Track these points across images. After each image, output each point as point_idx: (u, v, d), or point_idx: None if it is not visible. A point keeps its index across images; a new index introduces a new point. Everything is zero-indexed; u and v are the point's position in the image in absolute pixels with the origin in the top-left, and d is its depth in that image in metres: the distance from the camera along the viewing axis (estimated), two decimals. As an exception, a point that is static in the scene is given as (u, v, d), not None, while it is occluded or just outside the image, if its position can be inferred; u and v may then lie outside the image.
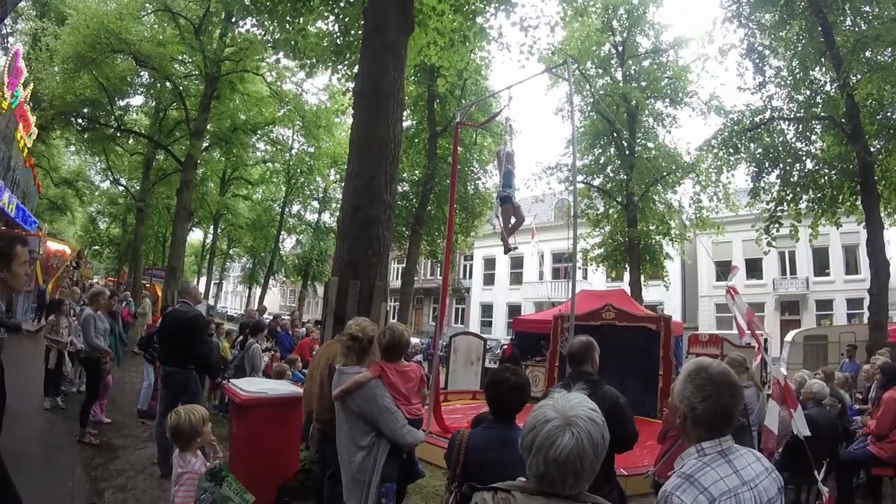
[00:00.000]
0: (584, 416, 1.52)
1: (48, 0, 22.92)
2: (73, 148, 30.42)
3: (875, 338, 12.24)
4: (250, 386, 5.75)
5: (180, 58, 22.76)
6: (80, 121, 23.50)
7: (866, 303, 13.74)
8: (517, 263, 38.03)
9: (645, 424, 10.00)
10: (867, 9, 13.57)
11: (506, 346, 15.99)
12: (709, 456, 1.80)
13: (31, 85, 17.30)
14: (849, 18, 13.87)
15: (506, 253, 9.85)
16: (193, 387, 6.11)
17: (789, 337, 18.67)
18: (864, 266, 20.98)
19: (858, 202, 14.02)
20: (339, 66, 10.73)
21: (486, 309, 41.75)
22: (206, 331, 7.40)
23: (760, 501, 1.78)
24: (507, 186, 9.16)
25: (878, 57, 12.79)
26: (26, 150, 16.92)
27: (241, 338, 10.38)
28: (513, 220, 9.40)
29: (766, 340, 8.44)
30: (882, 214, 13.87)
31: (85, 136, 25.03)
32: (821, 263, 29.71)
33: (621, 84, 20.87)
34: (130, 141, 27.44)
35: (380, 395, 3.69)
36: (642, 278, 20.97)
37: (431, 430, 8.33)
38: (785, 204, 15.14)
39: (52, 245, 21.58)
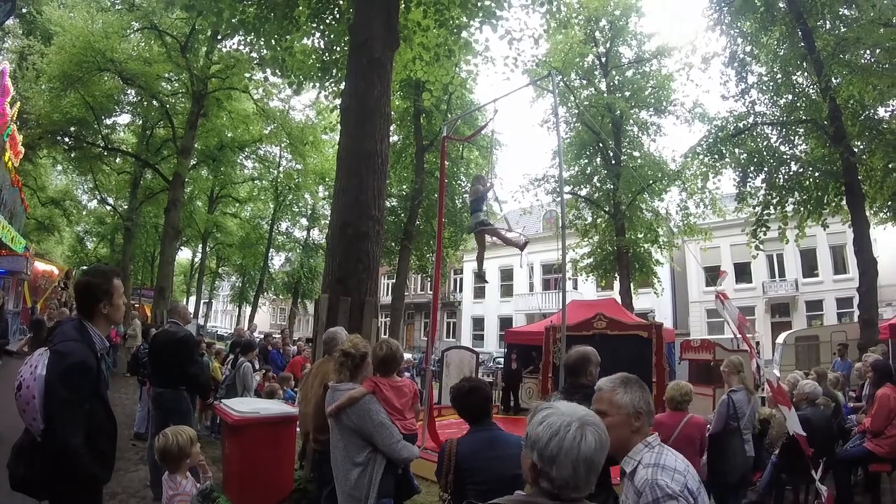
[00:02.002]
0: (592, 418, 1.63)
1: (35, 18, 22.84)
2: (60, 167, 30.33)
3: (866, 336, 12.32)
4: (242, 406, 5.70)
5: (167, 76, 22.78)
6: (66, 139, 23.39)
7: (856, 302, 13.83)
8: (507, 276, 38.10)
9: (640, 432, 10.00)
10: (846, 12, 13.77)
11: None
12: (656, 447, 2.14)
13: (18, 103, 17.21)
14: (828, 22, 14.05)
15: (481, 276, 9.95)
16: (184, 407, 6.05)
17: (780, 339, 18.75)
18: (852, 265, 21.18)
19: (843, 202, 14.18)
20: (326, 83, 10.76)
21: (478, 322, 41.77)
22: (196, 351, 7.34)
23: (696, 477, 2.09)
24: (476, 211, 8.72)
25: (859, 59, 12.96)
26: (13, 170, 16.79)
27: (231, 357, 10.30)
28: (508, 235, 9.37)
29: (757, 343, 8.49)
30: (868, 213, 14.01)
31: (72, 155, 24.96)
32: (809, 265, 29.94)
33: (605, 94, 21.02)
34: (117, 160, 27.31)
35: (374, 410, 3.67)
36: (632, 286, 21.02)
37: (426, 446, 8.27)
38: (771, 207, 15.27)
39: (40, 265, 21.40)
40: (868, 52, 12.77)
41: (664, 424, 4.95)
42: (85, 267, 38.66)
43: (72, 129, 22.89)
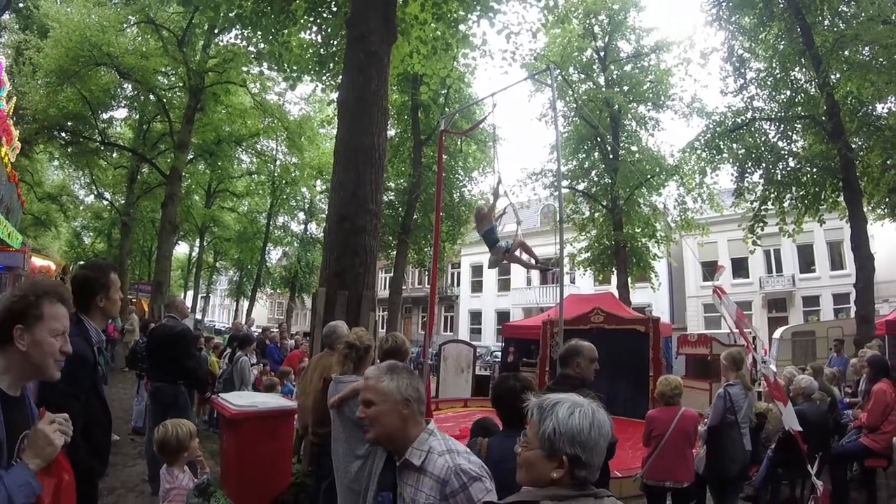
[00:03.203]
0: (588, 402, 1.69)
1: (31, 13, 22.71)
2: (56, 162, 30.16)
3: (862, 332, 12.35)
4: (240, 400, 5.70)
5: (164, 70, 22.67)
6: (63, 134, 23.31)
7: (852, 297, 13.88)
8: (505, 270, 38.06)
9: (637, 426, 10.03)
10: (845, 9, 13.77)
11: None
12: (437, 434, 2.16)
13: (14, 98, 17.13)
14: (827, 19, 14.06)
15: (545, 271, 9.60)
16: (182, 402, 6.05)
17: (777, 334, 18.77)
18: (849, 261, 21.18)
19: (841, 198, 14.21)
20: (324, 76, 10.73)
21: (475, 316, 41.75)
22: (193, 345, 7.33)
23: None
24: (495, 243, 8.23)
25: (857, 56, 12.97)
26: (10, 165, 16.73)
27: (229, 351, 10.31)
28: (522, 256, 9.03)
29: (754, 338, 8.50)
30: (865, 210, 14.04)
31: (69, 150, 24.86)
32: (806, 260, 29.96)
33: (604, 89, 21.03)
34: (114, 154, 27.22)
35: (377, 402, 3.68)
36: (630, 281, 21.05)
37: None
38: (769, 203, 15.29)
39: (37, 261, 21.31)
40: (867, 48, 12.76)
41: (659, 419, 4.98)
42: (82, 262, 38.63)
43: (68, 123, 22.78)
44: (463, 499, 1.94)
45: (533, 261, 8.95)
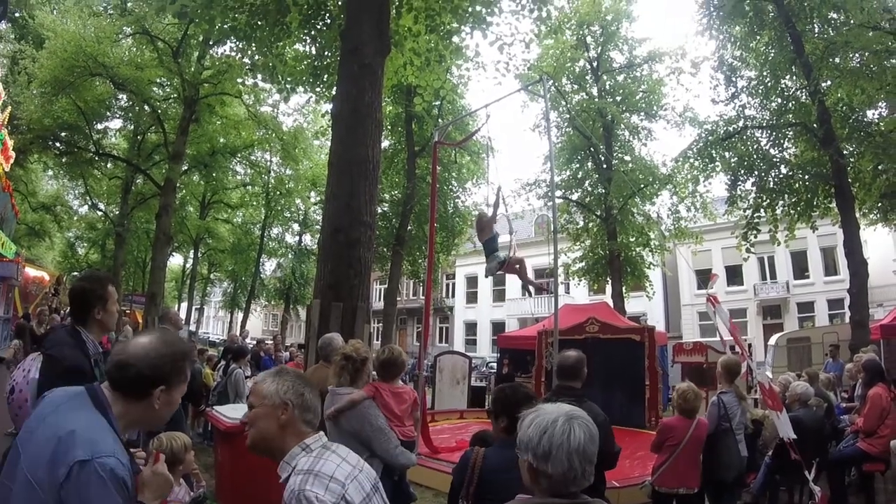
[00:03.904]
0: (578, 412, 1.69)
1: (27, 23, 22.72)
2: (51, 172, 30.08)
3: (857, 337, 12.41)
4: (234, 412, 5.67)
5: (159, 81, 22.64)
6: (58, 144, 23.23)
7: (847, 303, 13.92)
8: (499, 281, 38.08)
9: (633, 435, 10.03)
10: (835, 16, 13.89)
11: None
12: (316, 451, 1.89)
13: (9, 108, 17.12)
14: (817, 26, 14.20)
15: (540, 293, 9.64)
16: (176, 414, 6.01)
17: (772, 340, 18.86)
18: (842, 267, 21.35)
19: (833, 204, 14.29)
20: (318, 88, 10.76)
21: (470, 327, 41.71)
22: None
23: (371, 482, 1.93)
24: (493, 252, 8.40)
25: (848, 62, 13.09)
26: (4, 175, 16.69)
27: (223, 363, 10.25)
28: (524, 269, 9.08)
29: (749, 346, 8.53)
30: (857, 215, 14.13)
31: (63, 160, 24.75)
32: (800, 266, 30.10)
33: (597, 99, 21.14)
34: (109, 165, 27.13)
35: (373, 415, 3.68)
36: (624, 290, 21.09)
37: (420, 452, 8.26)
38: (762, 210, 15.38)
39: (31, 271, 21.22)
40: (857, 55, 12.89)
41: (676, 428, 4.97)
42: (76, 273, 38.50)
43: (63, 134, 22.75)
44: None
45: (530, 282, 9.08)
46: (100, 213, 33.38)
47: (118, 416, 1.71)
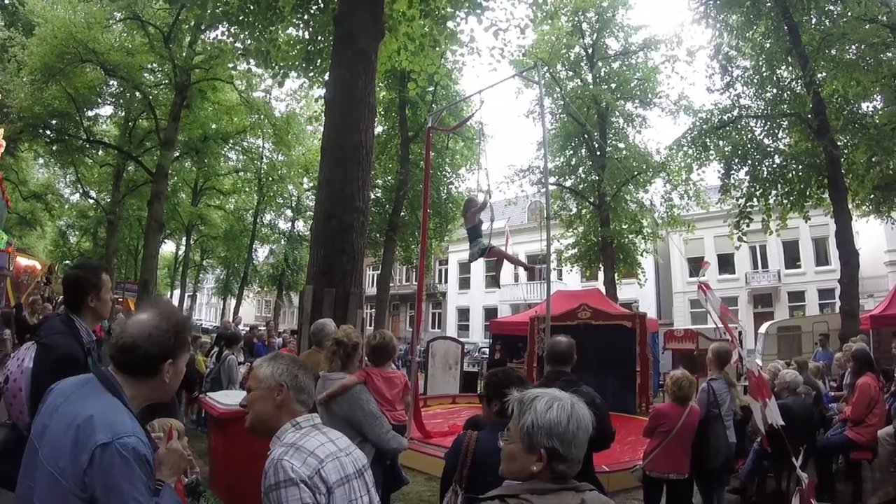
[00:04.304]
0: (568, 396, 1.69)
1: (17, 10, 22.45)
2: (41, 160, 29.87)
3: (847, 327, 12.53)
4: (228, 399, 5.68)
5: (150, 66, 22.49)
6: (48, 132, 23.03)
7: (837, 293, 14.04)
8: (492, 266, 38.08)
9: (625, 421, 10.10)
10: (832, 8, 13.89)
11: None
12: (305, 428, 1.98)
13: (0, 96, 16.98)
14: (814, 17, 14.18)
15: (529, 271, 9.89)
16: (170, 402, 6.01)
17: (763, 329, 18.98)
18: (834, 257, 21.45)
19: (826, 195, 14.35)
20: (311, 73, 10.68)
21: (463, 313, 41.79)
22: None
23: (356, 467, 1.99)
24: (476, 238, 8.60)
25: (844, 54, 13.09)
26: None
27: (216, 350, 10.25)
28: (508, 252, 9.33)
29: (740, 333, 8.57)
30: (850, 206, 14.19)
31: (54, 148, 24.55)
32: (792, 256, 30.24)
33: (591, 86, 21.06)
34: (100, 152, 26.88)
35: (365, 399, 3.70)
36: (616, 277, 21.16)
37: (412, 436, 8.31)
38: (755, 199, 15.42)
39: (23, 261, 21.06)
40: (853, 47, 12.89)
41: (669, 415, 5.01)
42: (68, 262, 38.31)
43: (53, 121, 22.55)
44: (274, 498, 1.81)
45: (520, 263, 9.42)
46: (91, 201, 33.18)
47: (131, 398, 1.73)
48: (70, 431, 1.57)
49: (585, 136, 21.23)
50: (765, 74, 14.99)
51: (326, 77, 8.73)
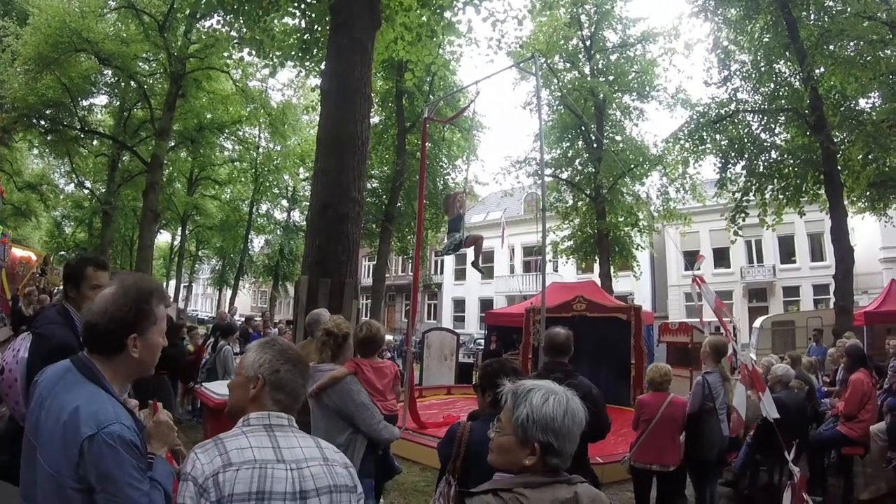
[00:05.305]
0: (563, 390, 1.68)
1: (11, -1, 22.35)
2: (36, 151, 29.73)
3: (841, 322, 12.56)
4: (223, 389, 5.67)
5: (144, 56, 22.32)
6: (42, 122, 22.91)
7: (832, 288, 14.09)
8: (488, 258, 38.05)
9: (618, 413, 10.11)
10: (831, 3, 13.88)
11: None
12: (252, 426, 1.77)
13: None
14: (813, 13, 14.17)
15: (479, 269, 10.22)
16: (165, 392, 6.02)
17: (757, 323, 19.05)
18: (829, 253, 21.49)
19: (822, 191, 14.38)
20: (307, 63, 10.61)
21: (459, 304, 41.83)
22: (176, 335, 7.29)
23: (304, 486, 1.69)
24: (453, 231, 9.02)
25: (842, 51, 13.09)
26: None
27: (212, 340, 10.24)
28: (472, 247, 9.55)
29: (734, 327, 8.59)
30: (845, 202, 14.23)
31: (48, 138, 24.45)
32: (787, 251, 30.35)
33: (589, 78, 20.99)
34: (95, 142, 26.80)
35: (355, 390, 3.68)
36: (612, 269, 21.17)
37: (407, 427, 8.33)
38: (751, 194, 15.44)
39: (18, 252, 20.97)
40: (851, 44, 12.89)
41: (648, 405, 5.06)
42: (63, 252, 38.15)
43: (48, 111, 22.41)
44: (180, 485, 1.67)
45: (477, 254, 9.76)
46: (86, 192, 32.93)
47: (110, 380, 1.74)
48: (58, 429, 1.59)
49: (582, 128, 21.19)
50: (763, 69, 14.97)
51: (323, 67, 8.67)
